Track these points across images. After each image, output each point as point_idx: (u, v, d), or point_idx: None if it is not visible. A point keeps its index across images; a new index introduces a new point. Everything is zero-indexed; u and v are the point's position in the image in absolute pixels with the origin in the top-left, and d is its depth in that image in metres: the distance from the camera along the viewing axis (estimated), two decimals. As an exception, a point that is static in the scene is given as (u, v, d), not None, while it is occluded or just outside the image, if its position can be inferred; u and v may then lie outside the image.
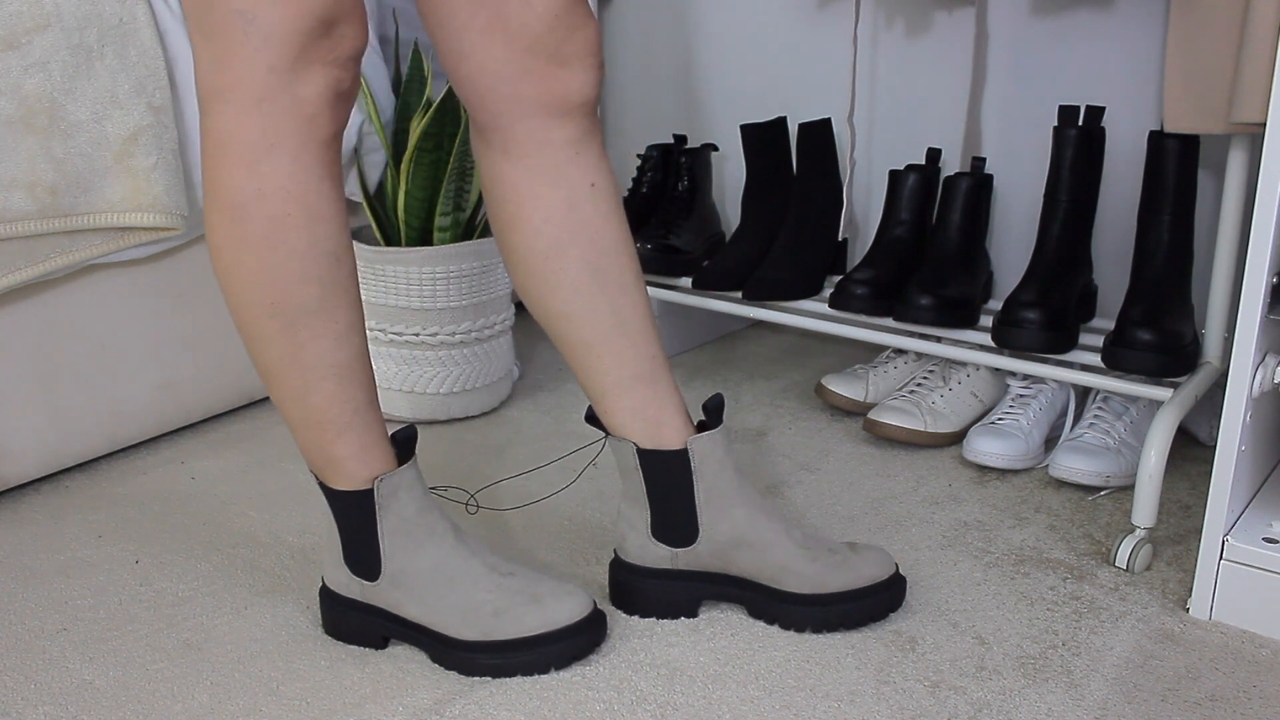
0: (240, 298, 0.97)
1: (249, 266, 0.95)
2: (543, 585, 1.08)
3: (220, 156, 0.93)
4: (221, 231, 0.95)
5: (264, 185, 0.93)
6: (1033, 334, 1.37)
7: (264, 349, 0.99)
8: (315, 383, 0.99)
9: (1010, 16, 1.61)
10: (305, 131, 0.93)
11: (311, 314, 0.97)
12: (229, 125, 0.92)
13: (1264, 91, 1.16)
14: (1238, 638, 1.13)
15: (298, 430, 1.03)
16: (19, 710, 1.01)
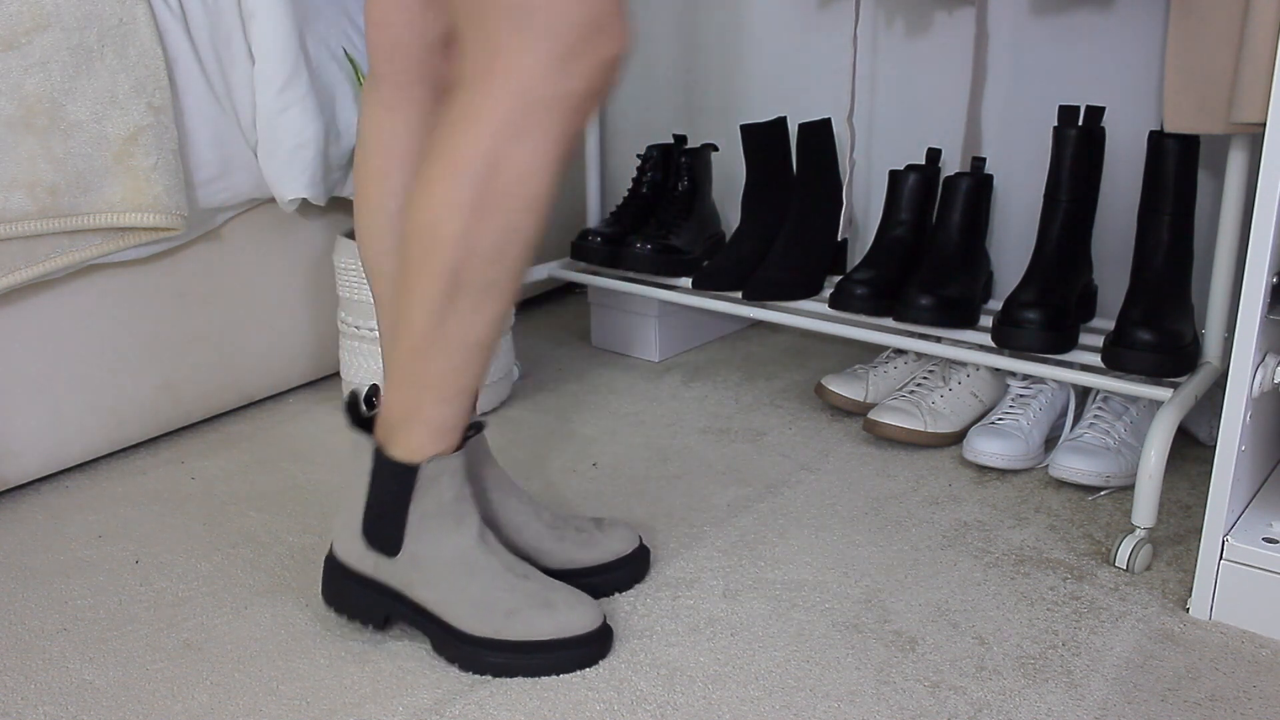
0: (424, 255, 0.97)
1: (450, 230, 0.95)
2: (557, 592, 1.08)
3: (468, 125, 0.94)
4: (438, 187, 0.95)
5: (502, 162, 0.93)
6: (1033, 334, 1.37)
7: (418, 305, 0.98)
8: (448, 351, 1.00)
9: (1010, 16, 1.61)
10: (560, 125, 0.94)
11: (483, 291, 0.98)
12: (488, 99, 0.93)
13: (1264, 91, 1.16)
14: (1238, 638, 1.13)
15: (397, 387, 1.03)
16: (19, 710, 1.01)
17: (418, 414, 1.03)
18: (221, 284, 1.57)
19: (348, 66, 1.61)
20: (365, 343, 1.60)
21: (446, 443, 1.05)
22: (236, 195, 1.52)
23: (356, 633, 1.13)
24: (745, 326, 2.04)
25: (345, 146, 1.62)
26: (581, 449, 1.54)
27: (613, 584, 1.19)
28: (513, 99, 0.92)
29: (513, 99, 0.92)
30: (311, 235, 1.68)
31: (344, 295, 1.61)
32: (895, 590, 1.20)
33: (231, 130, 1.49)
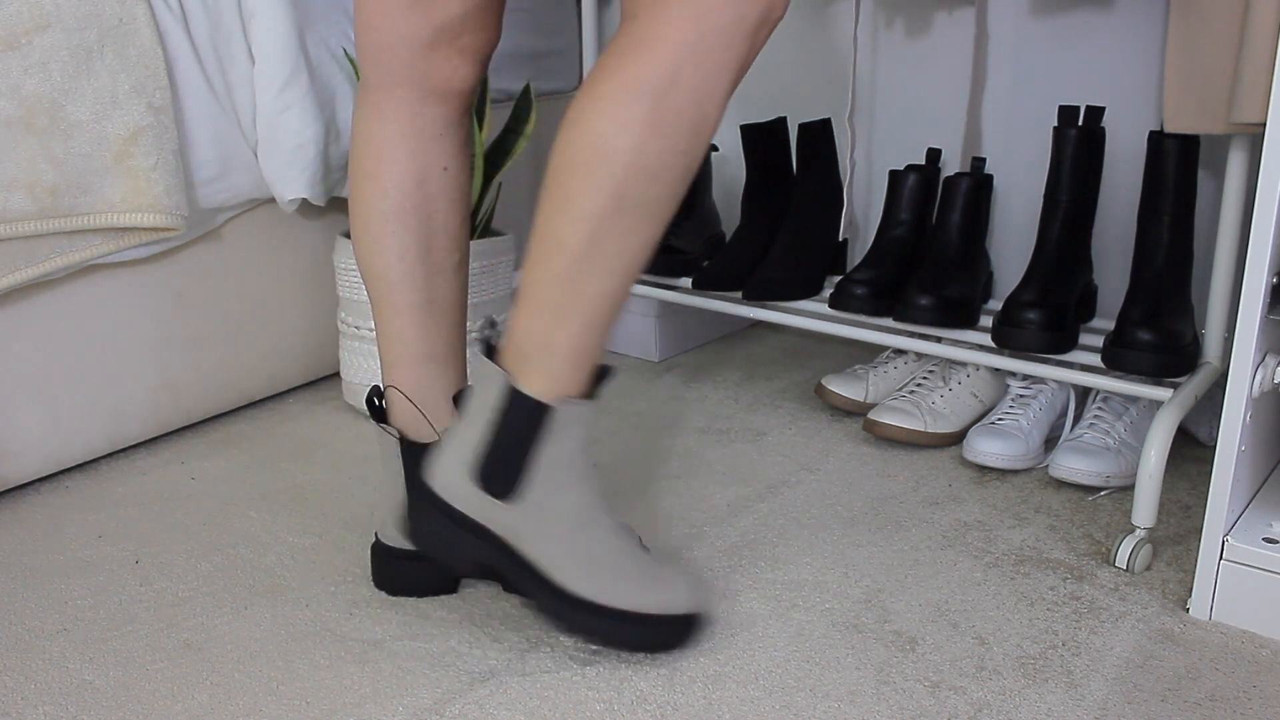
0: (588, 167, 0.95)
1: (622, 144, 0.94)
2: (663, 567, 1.08)
3: (644, 48, 0.94)
4: (612, 103, 0.94)
5: (680, 80, 0.94)
6: (1033, 334, 1.37)
7: (572, 222, 0.96)
8: (600, 273, 0.98)
9: (1010, 16, 1.61)
10: (735, 51, 0.95)
11: (642, 209, 0.97)
12: (666, 21, 0.93)
13: (1264, 91, 1.16)
14: (1238, 638, 1.13)
15: (538, 313, 0.99)
16: (19, 710, 1.01)
17: (556, 344, 1.00)
18: (221, 284, 1.57)
19: (348, 66, 1.61)
20: (365, 343, 1.60)
21: (579, 380, 1.02)
22: (236, 195, 1.52)
23: (356, 632, 1.13)
24: (745, 326, 2.04)
25: (345, 146, 1.62)
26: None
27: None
28: (692, 23, 0.92)
29: (692, 23, 0.92)
30: (311, 235, 1.68)
31: (344, 295, 1.61)
32: (895, 590, 1.20)
33: (231, 130, 1.49)
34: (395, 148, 1.11)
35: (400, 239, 1.12)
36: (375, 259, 1.13)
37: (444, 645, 1.11)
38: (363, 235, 1.13)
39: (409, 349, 1.14)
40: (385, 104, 1.11)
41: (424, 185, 1.12)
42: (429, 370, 1.15)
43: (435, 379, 1.15)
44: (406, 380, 1.14)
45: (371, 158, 1.12)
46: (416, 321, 1.14)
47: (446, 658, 1.09)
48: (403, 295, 1.13)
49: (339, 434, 1.59)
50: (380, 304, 1.14)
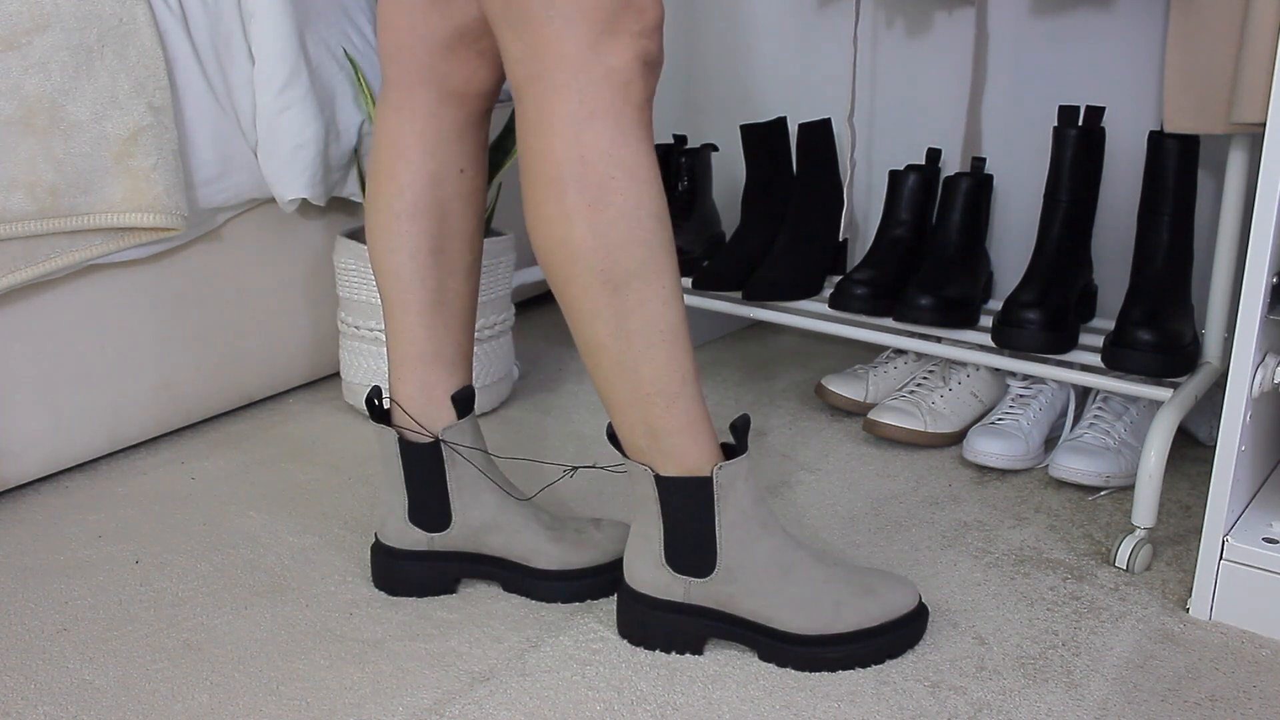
0: (568, 270, 0.98)
1: (578, 235, 0.96)
2: (872, 576, 1.10)
3: (541, 134, 0.95)
4: (549, 206, 0.96)
5: (586, 152, 0.94)
6: (1033, 334, 1.37)
7: (591, 323, 0.99)
8: (644, 351, 0.99)
9: (1010, 16, 1.61)
10: (621, 98, 0.95)
11: (638, 277, 0.97)
12: (546, 102, 0.95)
13: (1264, 91, 1.16)
14: (1238, 638, 1.13)
15: (624, 411, 1.02)
16: (19, 710, 1.01)
17: (657, 427, 1.02)
18: (221, 284, 1.57)
19: (348, 66, 1.61)
20: (365, 343, 1.60)
21: (708, 442, 1.03)
22: (236, 195, 1.52)
23: (356, 632, 1.13)
24: (745, 326, 2.04)
25: (345, 146, 1.62)
26: (581, 449, 1.54)
27: (611, 585, 1.19)
28: (568, 90, 0.93)
29: (568, 90, 0.93)
30: (311, 235, 1.68)
31: (344, 295, 1.61)
32: (895, 590, 1.20)
33: (231, 130, 1.49)
34: (412, 147, 1.11)
35: (413, 238, 1.12)
36: (388, 257, 1.13)
37: (444, 645, 1.11)
38: (376, 232, 1.13)
39: (417, 348, 1.14)
40: (404, 103, 1.11)
41: (439, 186, 1.12)
42: (435, 370, 1.15)
43: (441, 379, 1.15)
44: (413, 379, 1.15)
45: (389, 156, 1.12)
46: (425, 321, 1.14)
47: (446, 658, 1.09)
48: (413, 294, 1.13)
49: (339, 434, 1.59)
50: (390, 302, 1.14)
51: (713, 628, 1.08)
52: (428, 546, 1.17)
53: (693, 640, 1.09)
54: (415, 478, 1.15)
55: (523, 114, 0.97)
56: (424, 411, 1.15)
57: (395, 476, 1.16)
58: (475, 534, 1.17)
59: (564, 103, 0.94)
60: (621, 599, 1.10)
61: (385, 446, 1.16)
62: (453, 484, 1.15)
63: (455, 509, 1.16)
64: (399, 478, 1.16)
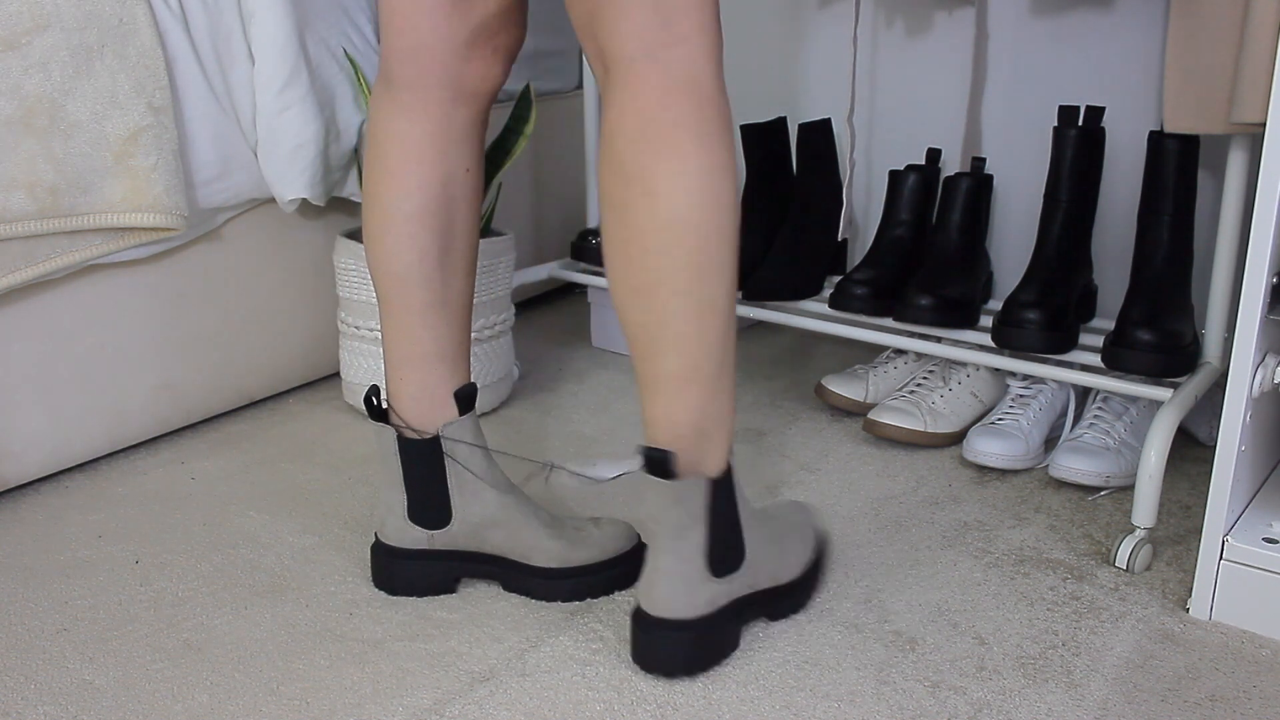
0: (716, 230, 0.98)
1: (730, 197, 0.98)
2: (775, 512, 1.18)
3: (696, 87, 0.96)
4: (705, 156, 0.96)
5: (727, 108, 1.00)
6: (1033, 334, 1.37)
7: (726, 291, 1.00)
8: (731, 325, 1.02)
9: (1010, 16, 1.61)
10: None
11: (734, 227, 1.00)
12: (695, 62, 0.96)
13: (1264, 91, 1.16)
14: (1238, 638, 1.13)
15: (710, 399, 1.01)
16: (19, 710, 1.01)
17: (726, 410, 1.02)
18: (221, 284, 1.57)
19: (348, 66, 1.61)
20: (365, 343, 1.60)
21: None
22: (236, 195, 1.52)
23: (356, 632, 1.13)
24: (745, 326, 2.04)
25: (345, 146, 1.62)
26: (581, 449, 1.54)
27: (611, 582, 1.19)
28: (716, 48, 0.97)
29: (716, 48, 0.97)
30: (311, 235, 1.68)
31: (344, 295, 1.61)
32: (895, 590, 1.20)
33: (231, 130, 1.49)
34: (425, 149, 1.10)
35: (421, 240, 1.12)
36: (393, 260, 1.12)
37: (444, 645, 1.11)
38: (381, 236, 1.12)
39: (420, 348, 1.14)
40: (416, 105, 1.10)
41: (448, 187, 1.12)
42: (438, 369, 1.15)
43: (443, 378, 1.15)
44: (414, 379, 1.15)
45: (396, 158, 1.11)
46: (429, 322, 1.14)
47: (446, 658, 1.09)
48: (419, 295, 1.13)
49: (339, 434, 1.59)
50: (392, 303, 1.14)
51: (752, 611, 1.12)
52: (428, 545, 1.17)
53: (739, 632, 1.11)
54: (414, 475, 1.15)
55: (647, 76, 0.94)
56: (425, 410, 1.15)
57: (394, 475, 1.16)
58: (476, 531, 1.17)
59: (713, 61, 0.95)
60: (650, 639, 1.06)
61: (384, 445, 1.16)
62: (453, 481, 1.15)
63: (455, 506, 1.16)
64: (398, 476, 1.16)
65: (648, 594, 1.05)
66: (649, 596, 1.04)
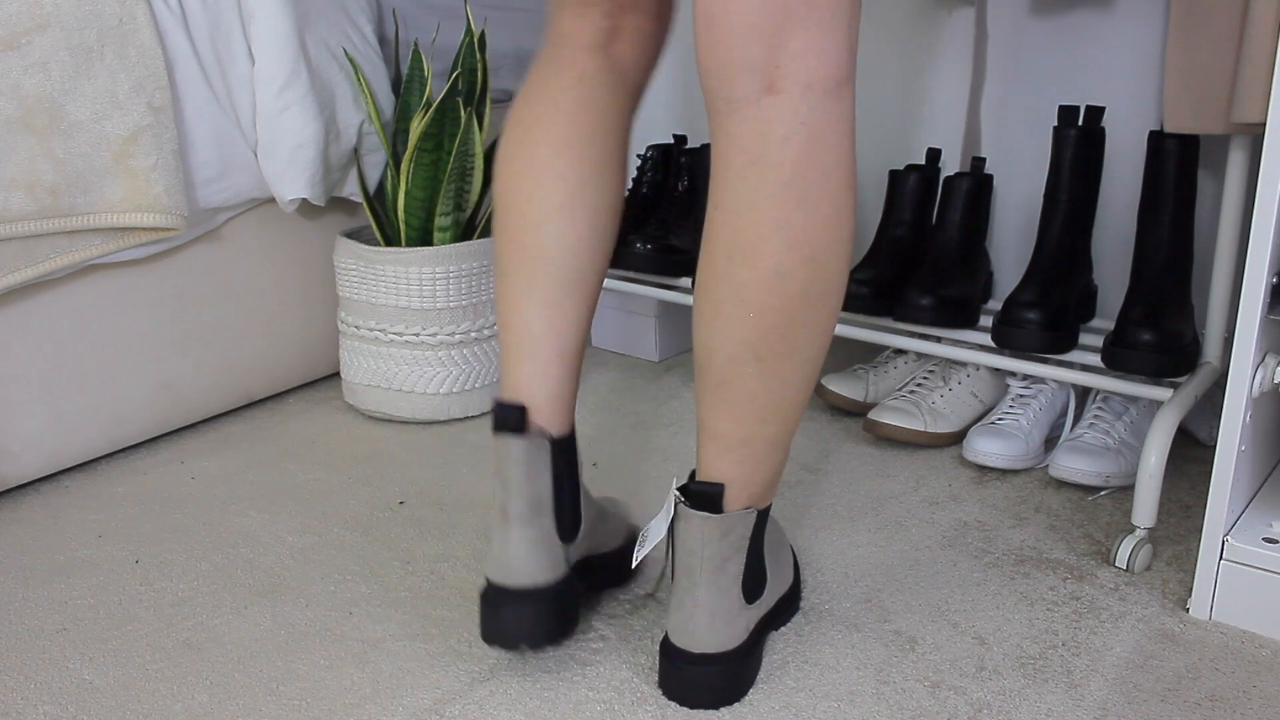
0: (835, 261, 0.92)
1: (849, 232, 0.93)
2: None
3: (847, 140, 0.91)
4: (839, 200, 0.90)
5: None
6: (1033, 334, 1.37)
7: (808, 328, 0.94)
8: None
9: (1010, 16, 1.61)
10: None
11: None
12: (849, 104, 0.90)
13: (1264, 91, 1.16)
14: (1238, 638, 1.13)
15: (786, 438, 0.98)
16: (19, 710, 1.01)
17: (786, 454, 1.00)
18: (221, 284, 1.57)
19: (348, 66, 1.61)
20: (365, 343, 1.60)
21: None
22: (236, 195, 1.52)
23: (356, 632, 1.13)
24: (745, 326, 2.03)
25: (345, 146, 1.62)
26: (581, 449, 1.54)
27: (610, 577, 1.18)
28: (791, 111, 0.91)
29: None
30: (311, 235, 1.68)
31: (344, 295, 1.61)
32: (895, 590, 1.20)
33: (231, 130, 1.49)
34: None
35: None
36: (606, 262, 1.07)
37: (444, 645, 1.11)
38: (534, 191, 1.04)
39: (561, 339, 1.05)
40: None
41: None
42: (571, 364, 1.07)
43: (573, 373, 1.08)
44: (556, 374, 1.05)
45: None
46: (578, 307, 1.07)
47: (446, 658, 1.09)
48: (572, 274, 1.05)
49: (339, 434, 1.59)
50: (544, 282, 1.04)
51: (773, 627, 1.13)
52: (551, 576, 1.03)
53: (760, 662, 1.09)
54: (562, 483, 1.04)
55: (831, 119, 0.88)
56: (561, 407, 1.05)
57: (541, 491, 1.02)
58: (593, 528, 1.11)
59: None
60: (687, 676, 1.00)
61: (532, 460, 1.01)
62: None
63: (583, 505, 1.08)
64: (547, 489, 1.03)
65: (686, 630, 0.99)
66: (687, 632, 0.99)
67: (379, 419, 1.64)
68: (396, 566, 1.25)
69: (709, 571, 0.98)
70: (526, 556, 1.00)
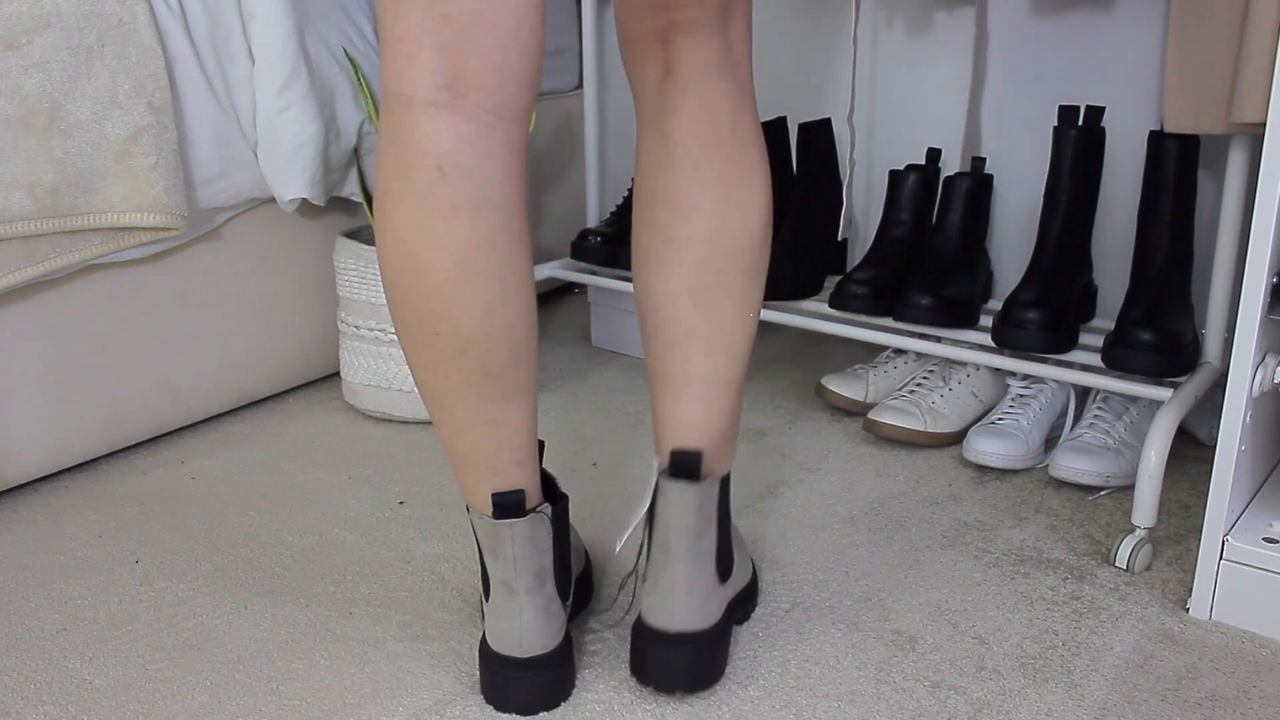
0: (764, 247, 1.04)
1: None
2: None
3: (744, 110, 1.01)
4: (752, 174, 1.00)
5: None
6: (1033, 334, 1.37)
7: (753, 304, 1.04)
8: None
9: (1010, 16, 1.61)
10: None
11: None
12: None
13: (1264, 91, 1.16)
14: (1238, 638, 1.13)
15: (733, 401, 1.03)
16: (19, 710, 1.01)
17: (739, 418, 1.04)
18: (221, 284, 1.57)
19: (348, 66, 1.61)
20: (365, 343, 1.60)
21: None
22: (236, 195, 1.52)
23: (356, 632, 1.13)
24: (745, 326, 2.03)
25: (345, 146, 1.62)
26: (581, 449, 1.54)
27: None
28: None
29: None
30: (311, 235, 1.68)
31: (344, 295, 1.61)
32: (895, 590, 1.20)
33: (231, 130, 1.49)
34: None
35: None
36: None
37: (444, 645, 1.11)
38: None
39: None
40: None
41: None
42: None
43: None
44: (529, 446, 1.00)
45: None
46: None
47: (446, 658, 1.09)
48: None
49: (339, 434, 1.59)
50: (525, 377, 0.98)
51: (747, 610, 1.15)
52: (559, 640, 1.02)
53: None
54: (561, 546, 1.03)
55: (722, 88, 0.97)
56: (533, 475, 1.00)
57: (544, 563, 0.99)
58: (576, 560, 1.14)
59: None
60: (670, 656, 1.00)
61: (536, 536, 0.98)
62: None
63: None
64: (549, 558, 1.00)
65: (664, 608, 0.99)
66: (665, 610, 0.99)
67: (379, 419, 1.64)
68: (396, 566, 1.25)
69: (685, 546, 0.99)
70: (537, 627, 0.99)
